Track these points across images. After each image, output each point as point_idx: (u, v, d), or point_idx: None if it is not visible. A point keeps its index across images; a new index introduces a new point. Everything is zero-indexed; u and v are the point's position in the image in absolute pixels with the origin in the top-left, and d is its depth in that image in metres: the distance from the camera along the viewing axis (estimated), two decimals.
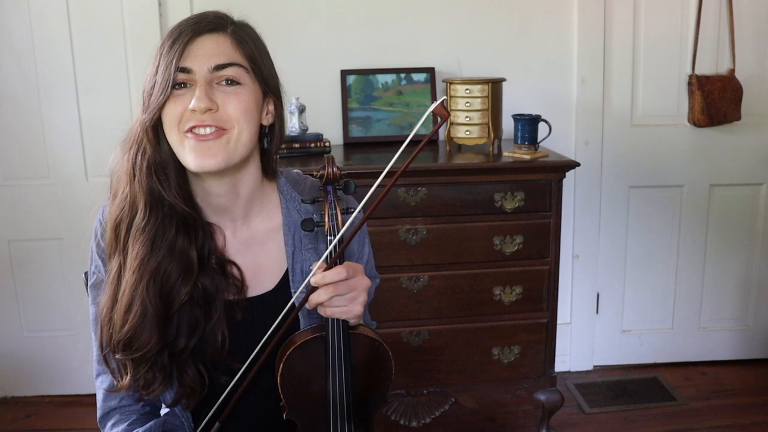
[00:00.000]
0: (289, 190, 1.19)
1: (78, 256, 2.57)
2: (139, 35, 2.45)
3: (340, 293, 1.01)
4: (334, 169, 1.04)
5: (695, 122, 2.64)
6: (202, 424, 1.08)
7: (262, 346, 1.04)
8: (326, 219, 1.05)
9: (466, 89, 2.22)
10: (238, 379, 1.05)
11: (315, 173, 1.06)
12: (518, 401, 2.58)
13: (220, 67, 1.02)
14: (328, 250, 1.03)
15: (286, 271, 1.15)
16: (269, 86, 1.10)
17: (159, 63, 1.02)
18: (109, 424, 1.14)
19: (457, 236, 2.11)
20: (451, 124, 2.28)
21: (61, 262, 2.60)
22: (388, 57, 2.53)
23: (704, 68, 2.64)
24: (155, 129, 1.03)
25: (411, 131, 0.97)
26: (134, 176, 1.04)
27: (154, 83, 1.01)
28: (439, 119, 0.94)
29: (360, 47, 2.53)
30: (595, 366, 2.87)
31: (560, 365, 2.75)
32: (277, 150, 1.16)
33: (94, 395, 1.17)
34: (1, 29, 2.44)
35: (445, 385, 2.22)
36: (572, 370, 2.85)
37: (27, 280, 2.63)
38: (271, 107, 1.12)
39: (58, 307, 2.63)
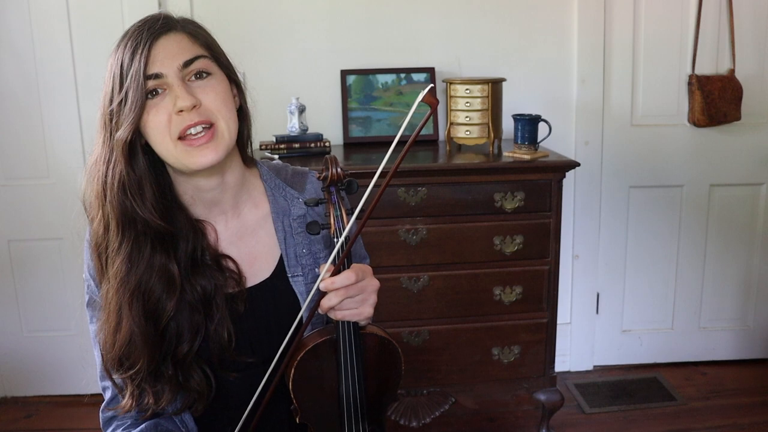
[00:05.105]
0: (272, 177, 1.20)
1: (78, 256, 2.56)
2: None
3: (350, 296, 1.01)
4: (338, 170, 1.03)
5: (695, 122, 2.64)
6: None
7: (275, 361, 1.04)
8: (332, 221, 1.04)
9: (466, 89, 2.21)
10: (256, 396, 1.05)
11: (318, 175, 1.05)
12: (518, 401, 2.58)
13: (188, 63, 1.02)
14: (334, 252, 1.02)
15: (281, 257, 1.16)
16: (230, 70, 1.11)
17: (121, 77, 1.00)
18: (108, 430, 1.16)
19: (457, 236, 2.11)
20: (451, 124, 2.28)
21: (61, 262, 2.60)
22: (388, 57, 2.53)
23: (704, 68, 2.64)
24: (131, 145, 1.01)
25: (409, 129, 0.95)
26: (105, 197, 1.03)
27: (123, 99, 0.99)
28: (429, 108, 0.92)
29: (360, 47, 2.53)
30: (595, 366, 2.87)
31: (560, 365, 2.75)
32: (249, 131, 1.16)
33: (94, 395, 1.18)
34: (1, 29, 2.44)
35: (445, 385, 2.22)
36: (572, 370, 2.85)
37: (27, 280, 2.63)
38: (235, 90, 1.12)
39: (58, 307, 2.63)
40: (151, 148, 1.05)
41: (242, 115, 1.13)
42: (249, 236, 1.16)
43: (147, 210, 1.03)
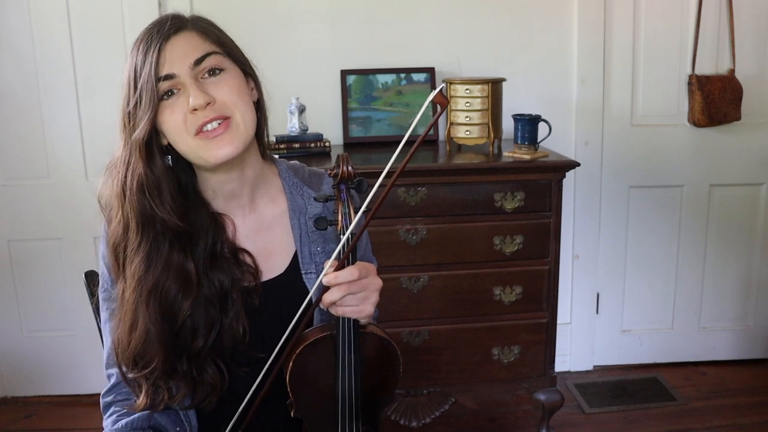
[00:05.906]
0: (291, 175, 1.22)
1: (78, 256, 2.58)
2: None
3: (352, 292, 1.02)
4: (349, 168, 1.04)
5: (695, 122, 2.64)
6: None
7: (277, 349, 1.05)
8: (339, 218, 1.05)
9: (466, 89, 2.21)
10: (255, 383, 1.06)
11: (329, 172, 1.06)
12: (518, 401, 2.58)
13: (199, 61, 1.03)
14: (338, 248, 1.03)
15: (295, 253, 1.18)
16: (245, 64, 1.12)
17: (135, 79, 1.01)
18: (105, 415, 1.18)
19: (457, 236, 2.11)
20: (451, 124, 2.28)
21: (61, 262, 2.60)
22: (388, 57, 2.53)
23: (704, 68, 2.64)
24: (148, 145, 1.03)
25: (412, 127, 0.96)
26: (125, 198, 1.04)
27: (138, 101, 1.01)
28: (438, 108, 0.93)
29: (360, 47, 2.53)
30: (595, 366, 2.87)
31: (560, 365, 2.75)
32: (265, 124, 1.18)
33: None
34: (1, 29, 2.44)
35: (445, 385, 2.22)
36: (572, 370, 2.85)
37: (27, 280, 2.63)
38: (252, 84, 1.14)
39: (58, 307, 2.63)
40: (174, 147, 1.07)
41: (259, 108, 1.15)
42: (265, 231, 1.18)
43: (165, 210, 1.05)
